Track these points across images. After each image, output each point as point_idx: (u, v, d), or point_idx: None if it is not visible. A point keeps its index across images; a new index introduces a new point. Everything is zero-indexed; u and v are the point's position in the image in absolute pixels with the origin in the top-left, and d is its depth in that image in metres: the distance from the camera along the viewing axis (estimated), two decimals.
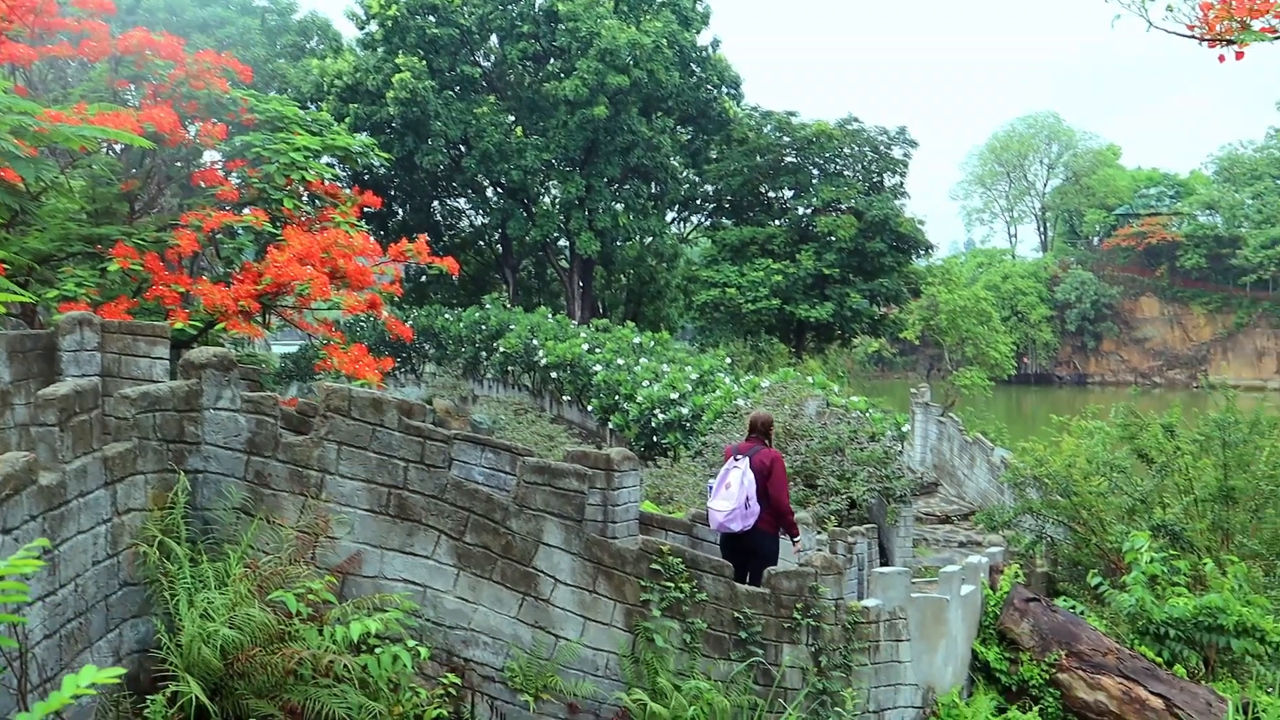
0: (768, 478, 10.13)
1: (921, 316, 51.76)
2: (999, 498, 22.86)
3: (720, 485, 10.12)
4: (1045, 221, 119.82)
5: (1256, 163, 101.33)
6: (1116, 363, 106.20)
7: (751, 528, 9.97)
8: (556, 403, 43.43)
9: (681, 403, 33.23)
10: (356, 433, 7.13)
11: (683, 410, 32.88)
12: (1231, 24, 4.84)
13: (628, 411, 34.88)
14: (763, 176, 54.95)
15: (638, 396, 34.29)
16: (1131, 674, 10.86)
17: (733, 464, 10.16)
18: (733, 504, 9.84)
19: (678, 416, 32.92)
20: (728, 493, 9.95)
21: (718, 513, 9.92)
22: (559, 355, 39.82)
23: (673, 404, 33.35)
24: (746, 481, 9.94)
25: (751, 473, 10.04)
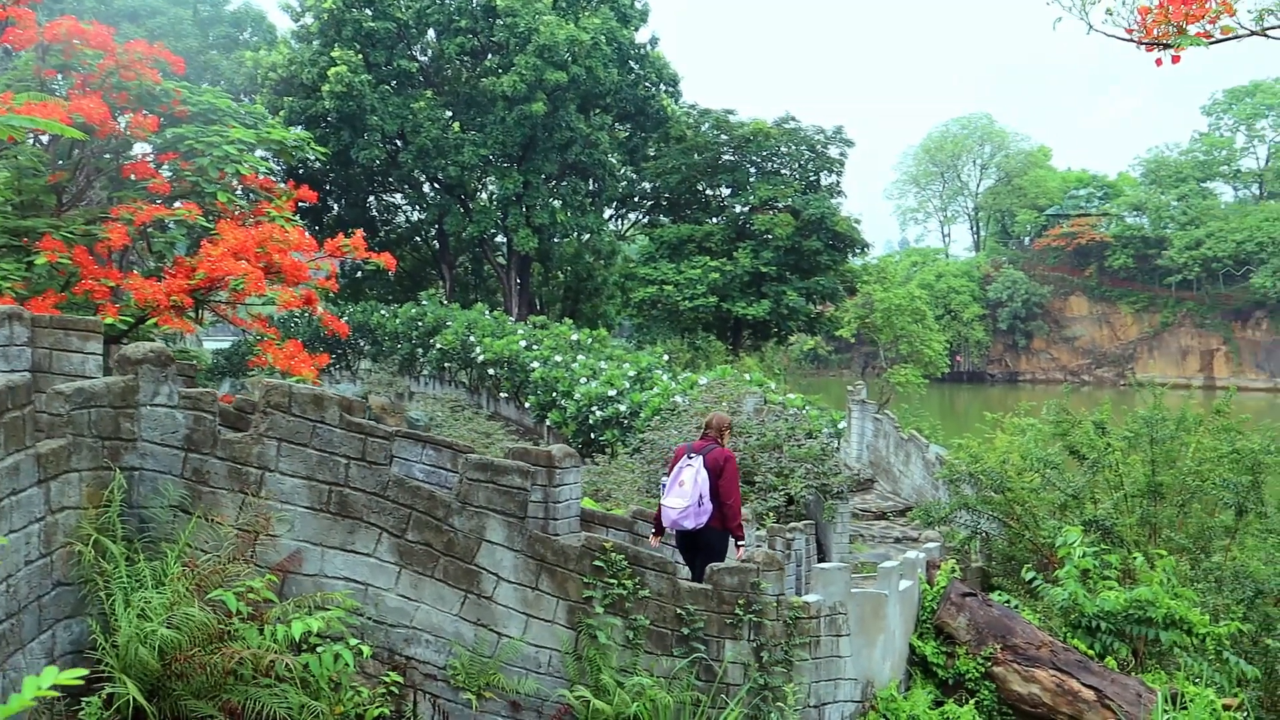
0: (719, 476, 10.15)
1: (857, 315, 52.17)
2: (934, 494, 23.12)
3: (673, 483, 10.12)
4: (978, 221, 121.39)
5: (1181, 165, 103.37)
6: (1047, 361, 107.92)
7: (704, 526, 9.99)
8: (494, 400, 43.28)
9: (619, 400, 33.25)
10: (297, 429, 7.04)
11: (620, 407, 32.90)
12: (1168, 28, 4.92)
13: (565, 408, 34.84)
14: (700, 174, 55.09)
15: (575, 393, 34.26)
16: (1064, 666, 11.03)
17: (686, 462, 10.19)
18: (686, 502, 9.87)
19: (615, 414, 32.94)
20: (681, 490, 9.98)
21: (671, 510, 9.94)
22: (496, 352, 39.66)
23: (610, 401, 33.36)
24: (700, 480, 9.98)
25: (705, 471, 10.08)
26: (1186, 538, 15.20)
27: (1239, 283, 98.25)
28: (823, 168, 54.88)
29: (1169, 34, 4.93)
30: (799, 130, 54.18)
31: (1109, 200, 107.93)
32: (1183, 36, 4.85)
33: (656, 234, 54.76)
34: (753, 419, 23.53)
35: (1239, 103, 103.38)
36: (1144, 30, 4.96)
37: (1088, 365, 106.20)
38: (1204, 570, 14.47)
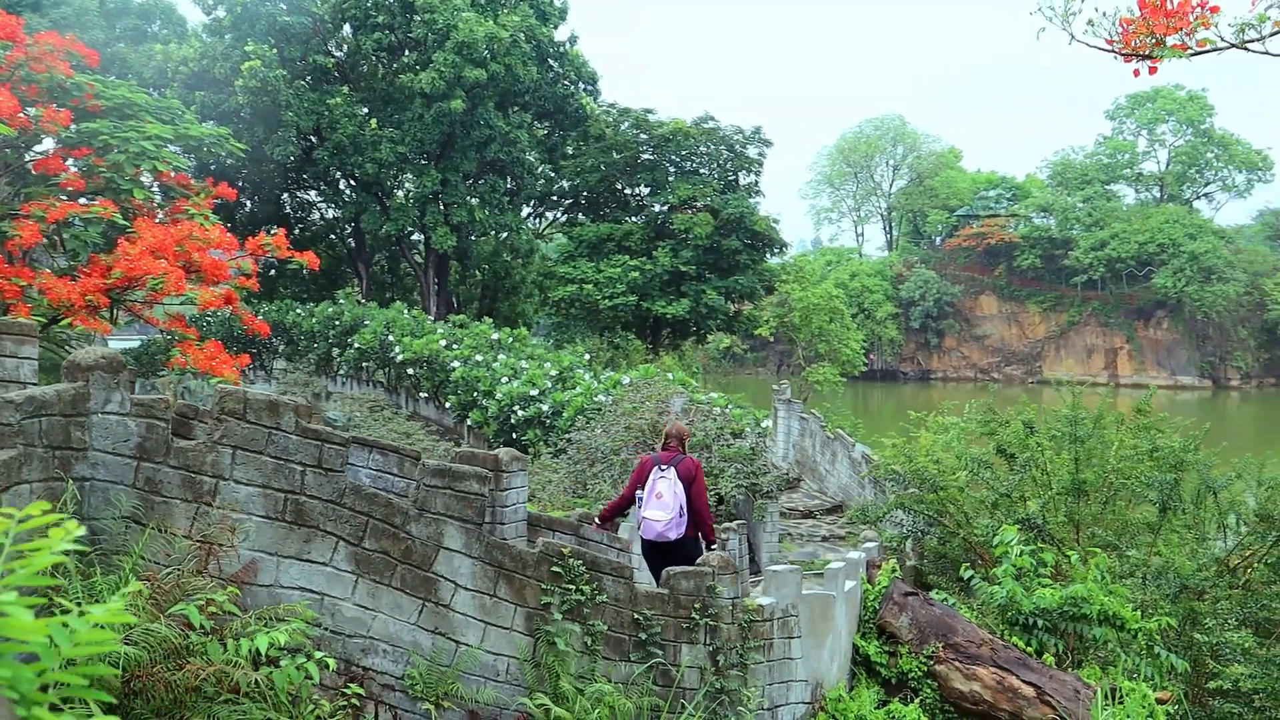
0: (692, 485, 10.50)
1: (776, 314, 52.61)
2: (860, 492, 23.34)
3: (651, 495, 10.40)
4: (890, 221, 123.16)
5: (1087, 168, 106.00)
6: (958, 359, 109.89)
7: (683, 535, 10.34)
8: (413, 399, 42.82)
9: (541, 399, 33.05)
10: (252, 436, 6.84)
11: (542, 407, 32.70)
12: (1147, 40, 4.98)
13: (487, 408, 34.57)
14: (619, 173, 55.16)
15: (497, 393, 34.00)
16: (1005, 664, 11.19)
17: (659, 474, 10.48)
18: (669, 514, 10.23)
19: (537, 413, 32.73)
20: (660, 503, 10.30)
21: (655, 523, 10.25)
22: (416, 351, 39.25)
23: (532, 401, 33.14)
24: (678, 491, 10.33)
25: (680, 482, 10.39)
26: (1111, 534, 15.51)
27: (1141, 283, 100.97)
28: (741, 167, 55.28)
29: (1146, 45, 5.00)
30: (718, 130, 54.49)
31: (1017, 201, 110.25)
32: (1162, 49, 4.92)
33: (576, 233, 54.71)
34: (681, 419, 23.55)
35: (1141, 108, 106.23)
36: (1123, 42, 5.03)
37: (997, 363, 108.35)
38: (1130, 566, 14.79)
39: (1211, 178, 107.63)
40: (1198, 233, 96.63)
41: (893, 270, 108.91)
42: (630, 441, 23.19)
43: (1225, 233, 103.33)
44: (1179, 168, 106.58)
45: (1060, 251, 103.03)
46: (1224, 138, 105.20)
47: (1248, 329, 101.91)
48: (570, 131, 56.37)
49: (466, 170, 50.69)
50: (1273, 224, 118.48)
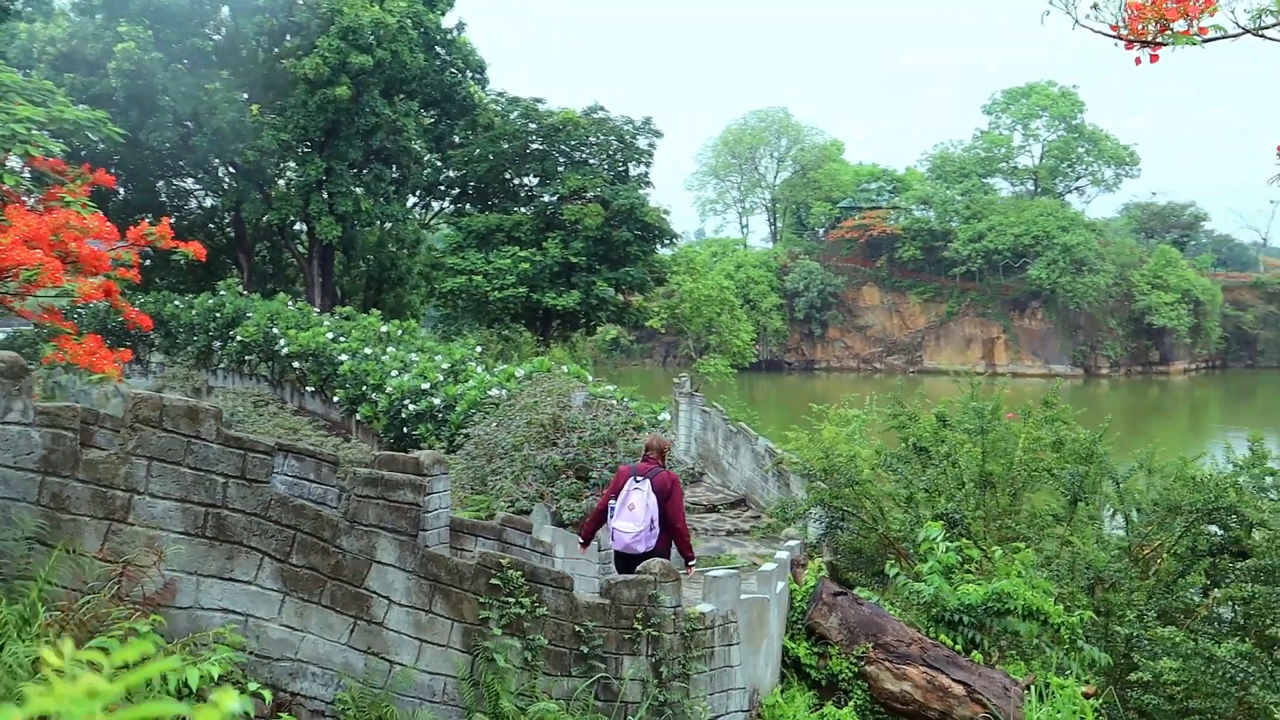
0: (667, 499, 10.50)
1: (667, 305, 52.47)
2: (764, 486, 23.23)
3: (623, 507, 10.41)
4: (774, 213, 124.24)
5: (965, 161, 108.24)
6: (841, 349, 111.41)
7: (654, 548, 10.35)
8: (298, 394, 41.66)
9: (433, 393, 32.39)
10: (169, 446, 6.27)
11: (435, 401, 32.04)
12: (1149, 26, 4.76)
13: (376, 402, 33.78)
14: (508, 163, 54.38)
15: (387, 387, 33.22)
16: (934, 662, 11.06)
17: (634, 485, 10.47)
18: (639, 526, 10.24)
19: (429, 407, 32.07)
20: (632, 514, 10.32)
21: (624, 534, 10.29)
22: (302, 344, 38.18)
23: (424, 395, 32.46)
24: (650, 503, 10.33)
25: (653, 495, 10.40)
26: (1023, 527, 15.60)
27: (1017, 274, 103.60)
28: (631, 158, 54.89)
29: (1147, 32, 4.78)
30: (608, 120, 54.05)
31: (898, 194, 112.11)
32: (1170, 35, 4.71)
33: (464, 223, 53.80)
34: (585, 413, 23.17)
35: (1016, 103, 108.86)
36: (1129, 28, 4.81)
37: (879, 353, 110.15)
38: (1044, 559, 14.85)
39: (1082, 172, 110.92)
40: (1070, 225, 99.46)
41: (777, 262, 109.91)
42: (532, 437, 22.75)
43: (1096, 225, 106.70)
44: (1052, 162, 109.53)
45: (940, 243, 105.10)
46: (1094, 133, 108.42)
47: (1116, 319, 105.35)
48: (458, 120, 55.44)
49: (352, 159, 49.48)
50: (1138, 217, 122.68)
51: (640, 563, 10.02)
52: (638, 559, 10.23)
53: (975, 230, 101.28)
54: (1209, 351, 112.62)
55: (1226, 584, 13.07)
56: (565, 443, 21.72)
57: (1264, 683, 9.68)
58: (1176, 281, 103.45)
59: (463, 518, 10.15)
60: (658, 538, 10.40)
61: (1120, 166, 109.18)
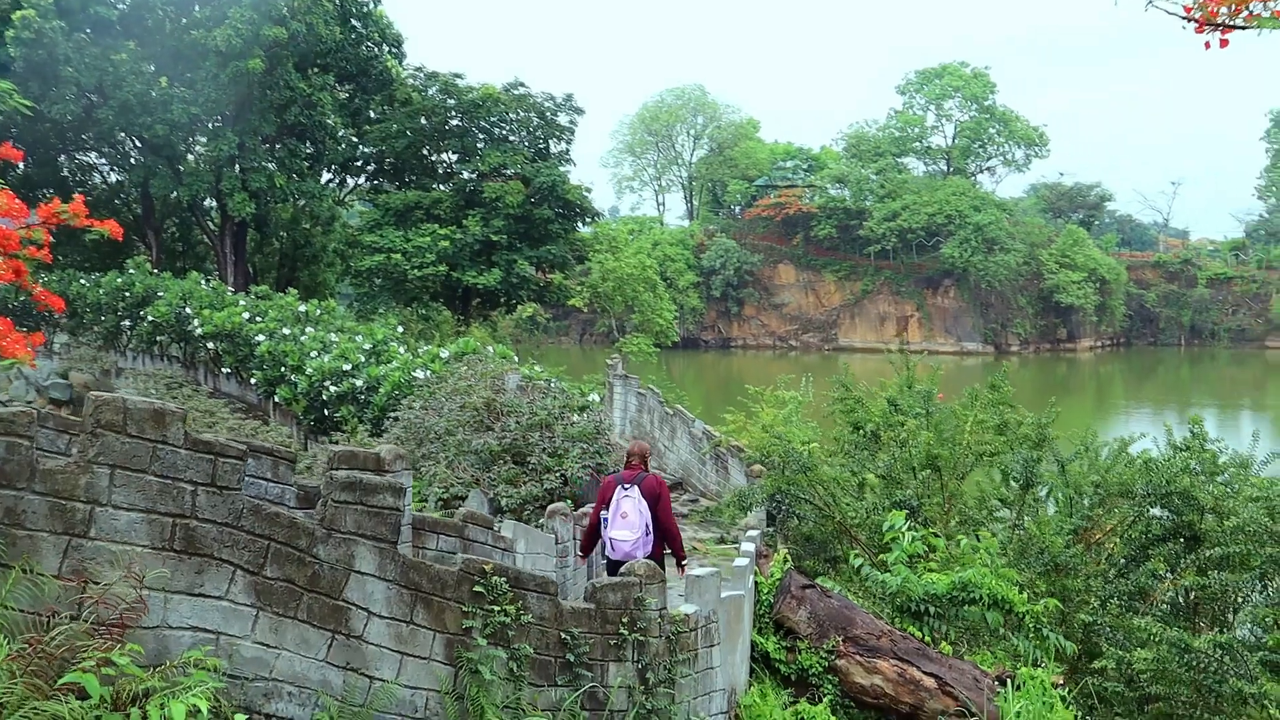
0: (657, 503, 10.54)
1: (589, 284, 52.02)
2: (701, 469, 23.00)
3: (616, 515, 10.44)
4: (691, 191, 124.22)
5: (879, 141, 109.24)
6: (757, 327, 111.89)
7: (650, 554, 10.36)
8: (213, 375, 40.60)
9: (355, 375, 31.68)
10: (134, 453, 5.74)
11: (356, 382, 31.35)
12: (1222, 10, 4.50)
13: (296, 384, 32.98)
14: (427, 139, 53.49)
15: (307, 368, 32.42)
16: (905, 655, 10.88)
17: (623, 493, 10.49)
18: (635, 534, 10.30)
19: (351, 389, 31.36)
20: (626, 522, 10.37)
21: (623, 543, 10.31)
22: (217, 325, 37.16)
23: (345, 376, 31.73)
24: (643, 509, 10.41)
25: (644, 500, 10.45)
26: (975, 511, 15.53)
27: (930, 253, 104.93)
28: (552, 135, 54.29)
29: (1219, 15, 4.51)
30: (528, 97, 53.34)
31: (814, 173, 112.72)
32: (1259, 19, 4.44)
33: (382, 200, 52.77)
34: (521, 397, 22.67)
35: (929, 84, 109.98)
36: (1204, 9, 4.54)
37: (795, 331, 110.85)
38: (1001, 545, 14.78)
39: (994, 152, 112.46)
40: (982, 205, 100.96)
41: (694, 240, 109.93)
42: (466, 422, 22.20)
43: (1006, 205, 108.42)
44: (964, 142, 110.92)
45: (855, 222, 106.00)
46: (1005, 114, 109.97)
47: (1026, 297, 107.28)
48: (374, 95, 54.27)
49: (265, 134, 48.13)
50: (1046, 197, 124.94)
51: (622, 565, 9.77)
52: (619, 564, 10.10)
53: (890, 209, 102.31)
54: (1114, 329, 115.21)
55: (1181, 569, 13.09)
56: (501, 427, 21.21)
57: (1241, 673, 9.65)
58: (1083, 261, 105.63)
59: (425, 515, 9.68)
60: (652, 542, 10.46)
61: (1030, 147, 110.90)
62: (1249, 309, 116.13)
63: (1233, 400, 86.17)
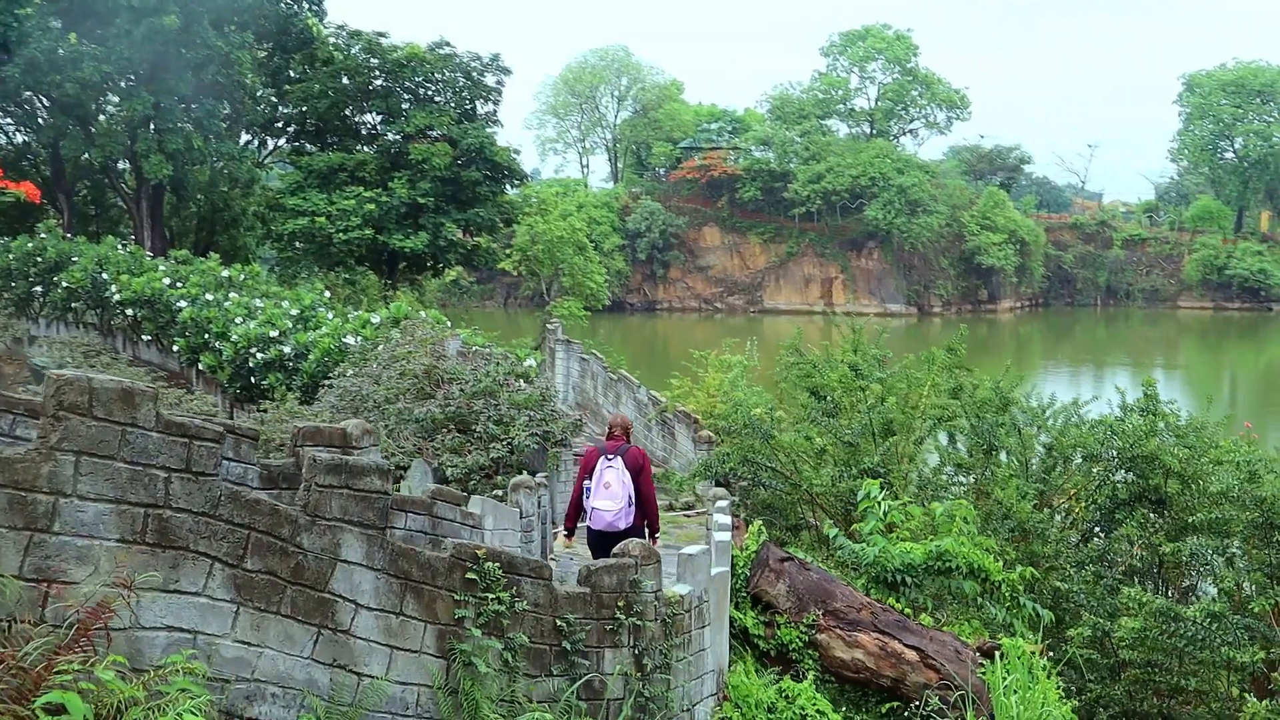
0: (639, 475, 10.71)
1: (519, 247, 51.26)
2: (647, 435, 22.64)
3: (599, 485, 10.54)
4: (615, 153, 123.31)
5: (803, 103, 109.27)
6: (683, 290, 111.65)
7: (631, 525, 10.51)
8: (132, 343, 39.43)
9: (283, 341, 30.87)
10: (101, 438, 5.15)
11: (285, 349, 30.54)
12: None
13: (221, 351, 32.06)
14: (350, 100, 52.09)
15: (232, 335, 31.52)
16: (886, 628, 10.61)
17: (606, 464, 10.60)
18: (618, 504, 10.41)
19: (279, 356, 30.56)
20: (609, 492, 10.47)
21: (605, 513, 10.44)
22: (136, 291, 36.00)
23: (273, 343, 30.90)
24: (626, 481, 10.53)
25: (627, 471, 10.58)
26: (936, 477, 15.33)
27: (854, 215, 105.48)
28: (479, 96, 53.26)
29: None
30: (454, 57, 52.23)
31: (738, 135, 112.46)
32: None
33: (305, 162, 51.35)
34: (465, 363, 22.09)
35: (852, 46, 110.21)
36: None
37: (720, 294, 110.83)
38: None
39: (916, 115, 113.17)
40: (905, 167, 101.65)
41: (619, 202, 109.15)
42: (406, 390, 21.57)
43: (929, 167, 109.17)
44: (887, 104, 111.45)
45: (779, 184, 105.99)
46: (927, 76, 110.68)
47: (948, 259, 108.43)
48: (294, 54, 52.71)
49: (181, 93, 46.47)
50: (967, 160, 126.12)
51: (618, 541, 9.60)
52: (616, 537, 10.01)
53: (814, 171, 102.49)
54: (1033, 290, 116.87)
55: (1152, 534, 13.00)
56: (444, 395, 20.62)
57: (1232, 640, 9.52)
58: (1004, 223, 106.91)
59: (395, 493, 9.14)
60: (634, 514, 10.57)
61: (952, 109, 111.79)
62: (1162, 270, 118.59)
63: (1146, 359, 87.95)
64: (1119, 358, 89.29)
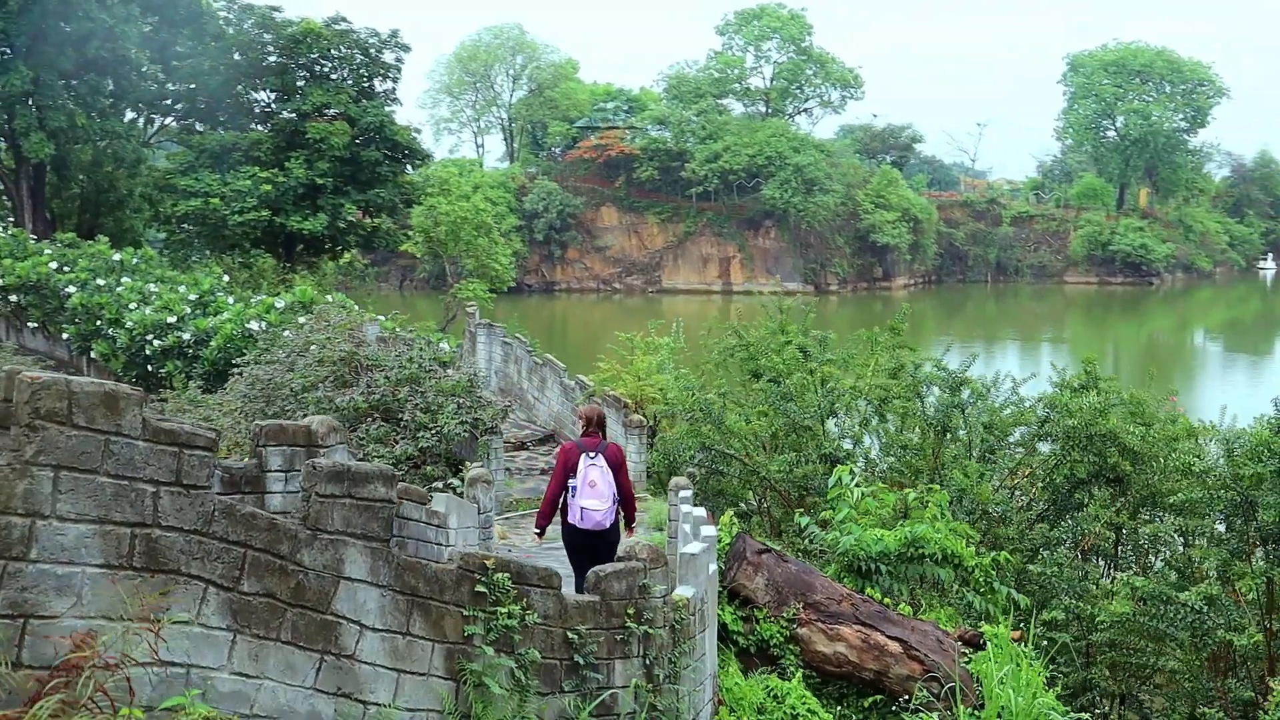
0: (619, 471, 10.49)
1: (422, 227, 50.08)
2: (575, 421, 22.06)
3: (584, 484, 10.23)
4: (511, 132, 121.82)
5: (699, 82, 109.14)
6: (581, 270, 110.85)
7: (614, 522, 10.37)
8: (16, 330, 37.71)
9: (181, 327, 29.67)
10: (82, 449, 4.46)
11: (184, 335, 29.38)
12: None
13: (114, 338, 30.76)
14: (243, 77, 50.28)
15: (126, 321, 30.23)
16: (868, 620, 10.24)
17: (589, 461, 10.31)
18: (606, 503, 10.15)
19: (177, 343, 29.39)
20: (595, 491, 10.18)
21: (594, 513, 10.12)
22: (21, 276, 34.44)
23: (170, 329, 29.70)
24: (609, 478, 10.29)
25: (609, 469, 10.33)
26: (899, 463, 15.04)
27: (751, 194, 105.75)
28: (377, 73, 51.82)
29: None
30: (352, 33, 50.71)
31: (635, 114, 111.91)
32: None
33: (196, 141, 49.50)
34: (385, 350, 21.25)
35: (748, 25, 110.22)
36: None
37: (619, 274, 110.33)
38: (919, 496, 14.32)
39: (810, 94, 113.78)
40: (801, 146, 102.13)
41: (515, 183, 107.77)
42: (325, 378, 20.68)
43: (825, 146, 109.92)
44: (782, 83, 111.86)
45: (677, 164, 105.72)
46: (821, 56, 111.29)
47: (843, 237, 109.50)
48: (183, 29, 50.67)
49: (63, 68, 44.37)
50: (860, 139, 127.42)
51: (600, 539, 9.67)
52: (600, 535, 9.95)
53: (711, 151, 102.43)
54: (926, 267, 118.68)
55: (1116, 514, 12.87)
56: (367, 382, 19.79)
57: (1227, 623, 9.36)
58: (897, 201, 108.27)
59: None
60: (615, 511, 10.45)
61: (846, 89, 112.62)
62: (1049, 246, 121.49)
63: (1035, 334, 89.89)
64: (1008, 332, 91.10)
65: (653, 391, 21.31)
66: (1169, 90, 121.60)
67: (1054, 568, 12.34)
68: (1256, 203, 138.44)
